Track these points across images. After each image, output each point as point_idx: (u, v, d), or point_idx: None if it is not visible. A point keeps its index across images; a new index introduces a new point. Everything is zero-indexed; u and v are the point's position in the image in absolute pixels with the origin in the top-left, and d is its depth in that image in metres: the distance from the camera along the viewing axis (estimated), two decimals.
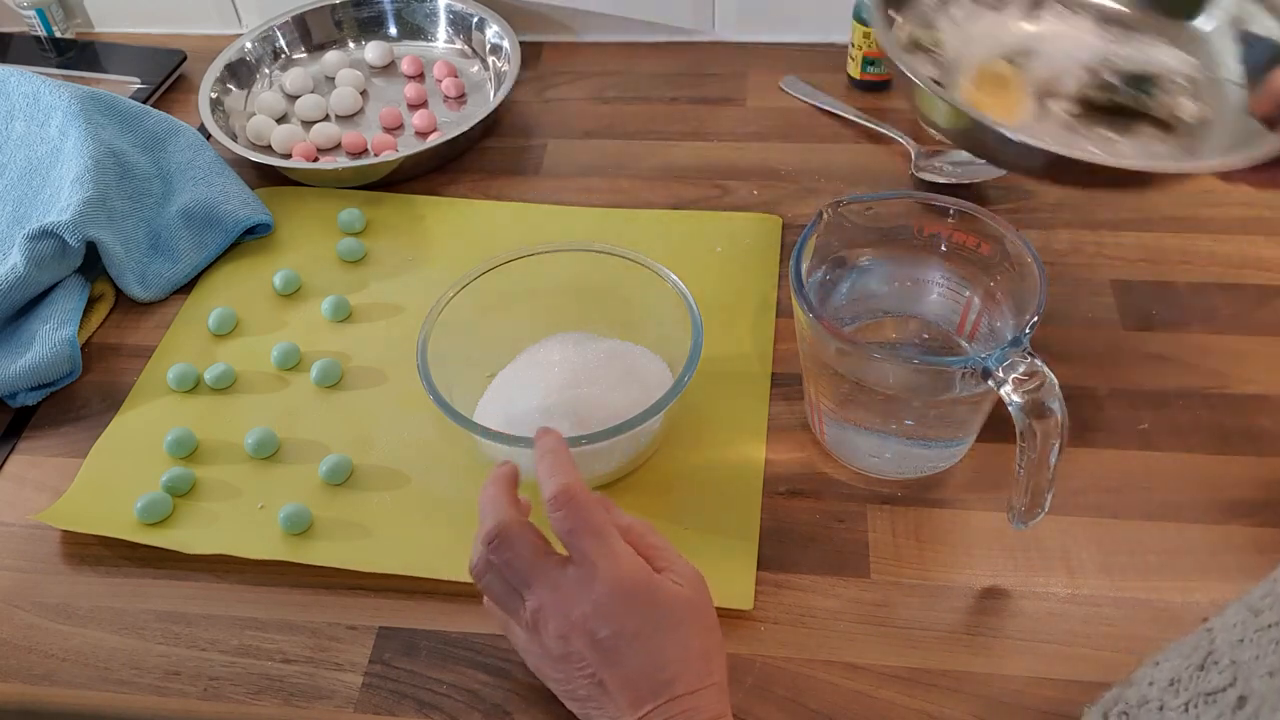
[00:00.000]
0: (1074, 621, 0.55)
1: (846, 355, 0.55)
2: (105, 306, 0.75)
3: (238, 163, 0.83)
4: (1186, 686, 0.36)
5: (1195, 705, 0.35)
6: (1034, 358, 0.49)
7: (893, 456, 0.60)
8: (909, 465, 0.60)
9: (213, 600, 0.59)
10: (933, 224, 0.59)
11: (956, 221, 0.58)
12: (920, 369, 0.54)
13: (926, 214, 0.59)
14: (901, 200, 0.59)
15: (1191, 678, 0.36)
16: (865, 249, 0.61)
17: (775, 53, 0.93)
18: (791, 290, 0.55)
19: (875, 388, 0.55)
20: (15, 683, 0.56)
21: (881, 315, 0.63)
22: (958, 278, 0.60)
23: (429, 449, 0.64)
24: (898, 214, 0.59)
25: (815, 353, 0.57)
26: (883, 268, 0.62)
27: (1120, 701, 0.38)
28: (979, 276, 0.59)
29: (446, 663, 0.55)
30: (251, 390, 0.69)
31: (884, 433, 0.58)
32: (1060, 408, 0.48)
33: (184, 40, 0.99)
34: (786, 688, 0.53)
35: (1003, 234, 0.56)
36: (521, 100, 0.90)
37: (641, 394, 0.59)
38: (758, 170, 0.82)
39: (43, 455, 0.66)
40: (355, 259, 0.77)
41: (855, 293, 0.62)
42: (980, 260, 0.58)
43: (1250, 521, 0.58)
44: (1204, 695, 0.35)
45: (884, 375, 0.55)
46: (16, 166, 0.79)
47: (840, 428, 0.60)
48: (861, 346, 0.54)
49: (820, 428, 0.61)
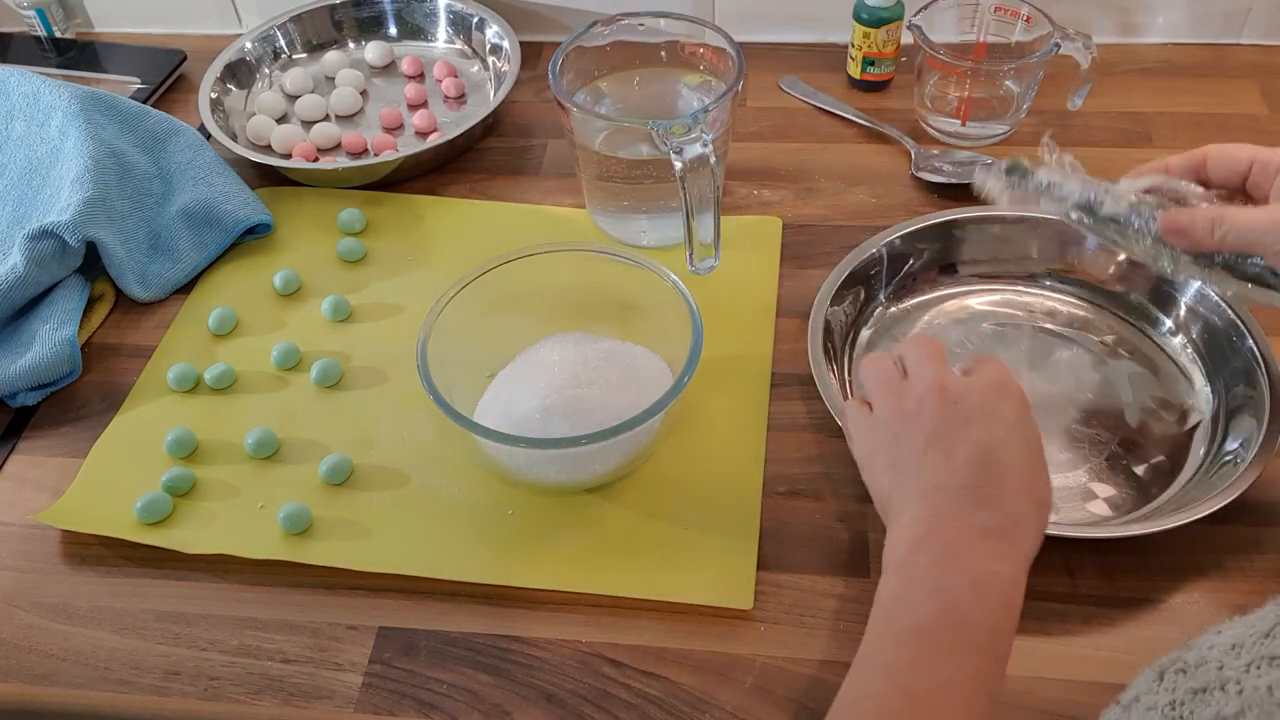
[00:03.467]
0: (1074, 621, 0.55)
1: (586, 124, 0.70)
2: (105, 306, 0.75)
3: (238, 163, 0.83)
4: (1249, 650, 0.36)
5: (1258, 666, 0.35)
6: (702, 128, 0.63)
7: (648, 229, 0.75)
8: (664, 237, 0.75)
9: (212, 600, 0.59)
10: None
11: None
12: (626, 128, 0.71)
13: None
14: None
15: (1256, 643, 0.36)
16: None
17: (775, 52, 0.93)
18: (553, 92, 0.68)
19: (602, 150, 0.70)
20: (15, 683, 0.56)
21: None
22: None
23: (429, 449, 0.64)
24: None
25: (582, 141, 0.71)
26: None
27: (1178, 661, 0.38)
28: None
29: (446, 663, 0.55)
30: (251, 390, 0.69)
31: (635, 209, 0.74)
32: (714, 162, 0.62)
33: (184, 40, 0.99)
34: (787, 688, 0.53)
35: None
36: (521, 100, 0.90)
37: (641, 394, 0.59)
38: (758, 170, 0.82)
39: (43, 455, 0.66)
40: (355, 259, 0.77)
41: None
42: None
43: (1250, 521, 0.58)
44: (1268, 659, 0.35)
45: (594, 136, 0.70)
46: (16, 166, 0.79)
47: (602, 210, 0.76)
48: (588, 110, 0.71)
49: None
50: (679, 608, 0.56)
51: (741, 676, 0.53)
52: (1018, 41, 0.81)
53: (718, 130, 0.68)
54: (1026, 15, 0.80)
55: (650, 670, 0.54)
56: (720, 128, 0.69)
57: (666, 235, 0.75)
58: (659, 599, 0.56)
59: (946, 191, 0.78)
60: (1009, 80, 0.80)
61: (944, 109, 0.82)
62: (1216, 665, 0.36)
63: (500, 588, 0.58)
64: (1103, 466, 0.61)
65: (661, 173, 0.70)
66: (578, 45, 0.73)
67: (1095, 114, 0.84)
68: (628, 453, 0.60)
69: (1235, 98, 0.85)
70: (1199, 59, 0.89)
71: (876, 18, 0.84)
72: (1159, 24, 0.90)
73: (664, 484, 0.62)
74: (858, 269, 0.68)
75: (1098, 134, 0.82)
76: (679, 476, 0.62)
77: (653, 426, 0.58)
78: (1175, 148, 0.79)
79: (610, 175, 0.72)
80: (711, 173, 0.63)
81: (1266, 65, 0.88)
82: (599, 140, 0.71)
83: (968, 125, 0.81)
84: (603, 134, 0.72)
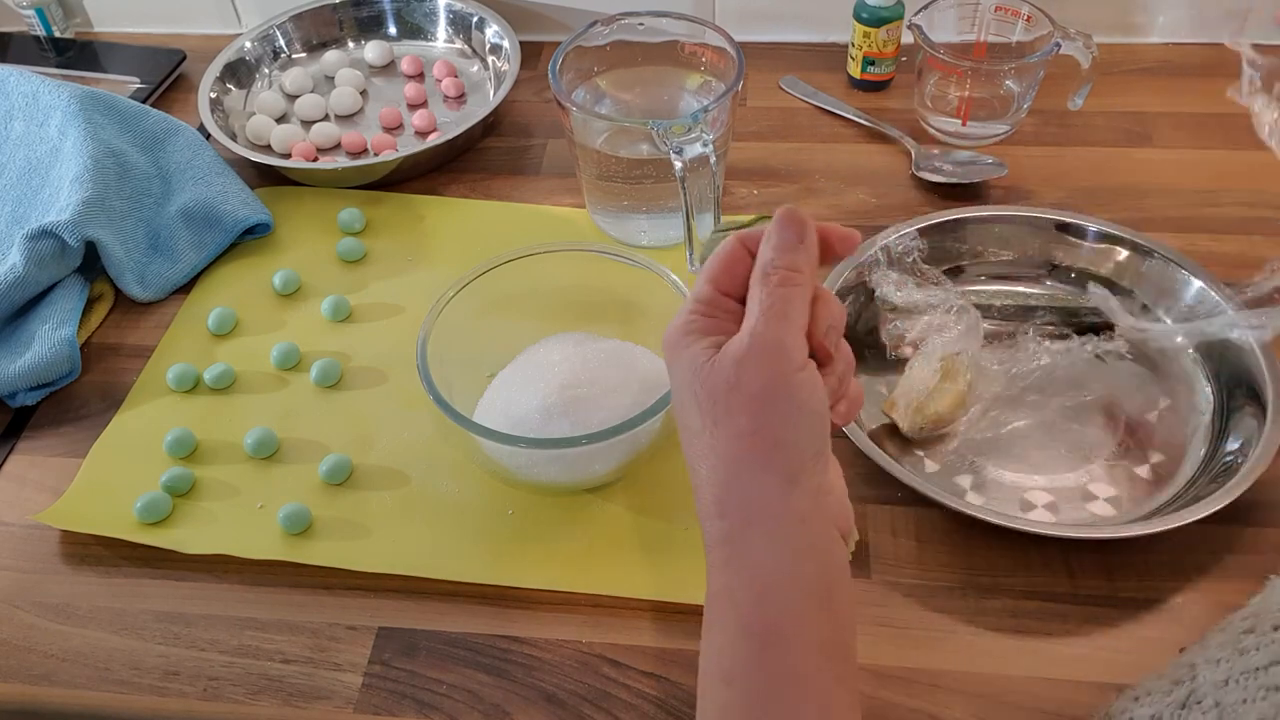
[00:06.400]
0: (1074, 621, 0.55)
1: (587, 125, 0.70)
2: (105, 306, 0.75)
3: (237, 162, 0.83)
4: None
5: None
6: (702, 128, 0.63)
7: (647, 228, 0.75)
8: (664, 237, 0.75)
9: (212, 600, 0.59)
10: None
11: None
12: (626, 128, 0.71)
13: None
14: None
15: (1174, 716, 0.34)
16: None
17: (775, 52, 0.93)
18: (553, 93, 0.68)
19: (602, 149, 0.71)
20: (15, 683, 0.56)
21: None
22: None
23: (429, 449, 0.64)
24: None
25: (581, 140, 0.71)
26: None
27: None
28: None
29: (446, 663, 0.55)
30: (251, 390, 0.69)
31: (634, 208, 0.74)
32: (714, 162, 0.63)
33: (184, 40, 0.99)
34: None
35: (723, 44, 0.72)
36: (521, 100, 0.90)
37: (641, 394, 0.59)
38: (758, 170, 0.82)
39: (43, 455, 0.66)
40: (355, 259, 0.77)
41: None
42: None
43: (1250, 521, 0.58)
44: None
45: (594, 136, 0.70)
46: (16, 166, 0.79)
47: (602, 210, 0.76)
48: (588, 110, 0.71)
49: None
50: (679, 607, 0.56)
51: None
52: (1018, 41, 0.81)
53: (718, 130, 0.68)
54: (1027, 15, 0.80)
55: (650, 670, 0.54)
56: (720, 127, 0.69)
57: (666, 235, 0.75)
58: (659, 599, 0.56)
59: (947, 191, 0.78)
60: (1009, 80, 0.80)
61: (944, 109, 0.82)
62: None
63: (500, 588, 0.58)
64: (1103, 467, 0.61)
65: (661, 173, 0.70)
66: (578, 45, 0.73)
67: (1096, 114, 0.84)
68: (628, 453, 0.60)
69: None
70: (1200, 59, 0.89)
71: (877, 17, 0.84)
72: (1159, 24, 0.90)
73: (664, 484, 0.62)
74: (858, 269, 0.68)
75: (1098, 134, 0.82)
76: (679, 477, 0.62)
77: (653, 426, 0.58)
78: (1176, 147, 0.80)
79: (610, 175, 0.72)
80: (711, 173, 0.63)
81: (1267, 65, 0.88)
82: (599, 140, 0.71)
83: (968, 125, 0.81)
84: (603, 134, 0.72)
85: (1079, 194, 0.77)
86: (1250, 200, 0.76)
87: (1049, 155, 0.81)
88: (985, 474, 0.61)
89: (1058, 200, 0.77)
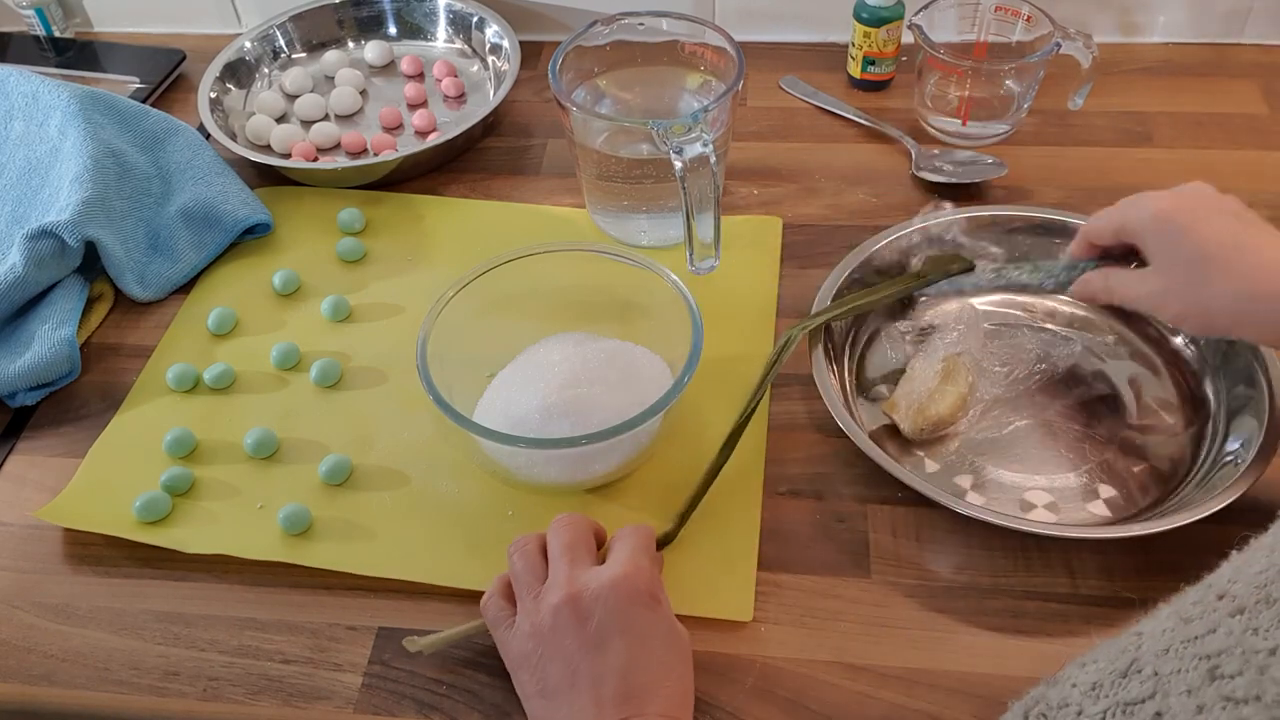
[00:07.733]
0: (1075, 621, 0.55)
1: (587, 124, 0.70)
2: (104, 306, 0.75)
3: (237, 162, 0.83)
4: (1107, 694, 0.34)
5: (1113, 715, 0.33)
6: (702, 128, 0.63)
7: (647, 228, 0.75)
8: (663, 237, 0.75)
9: (212, 600, 0.59)
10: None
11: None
12: (626, 128, 0.71)
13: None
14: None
15: (1113, 684, 0.34)
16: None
17: (775, 52, 0.93)
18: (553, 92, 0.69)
19: (602, 149, 0.71)
20: (15, 683, 0.56)
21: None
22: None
23: (429, 449, 0.64)
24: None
25: (581, 140, 0.71)
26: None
27: (1042, 701, 0.36)
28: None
29: (446, 663, 0.55)
30: (251, 390, 0.69)
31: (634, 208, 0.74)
32: (714, 162, 0.63)
33: (183, 40, 0.99)
34: (787, 688, 0.53)
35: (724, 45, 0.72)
36: (521, 100, 0.90)
37: (641, 394, 0.59)
38: (758, 170, 0.81)
39: (42, 455, 0.66)
40: (355, 259, 0.77)
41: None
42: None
43: (1250, 521, 0.58)
44: (1122, 705, 0.33)
45: (594, 136, 0.70)
46: (16, 166, 0.79)
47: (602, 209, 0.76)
48: (588, 110, 0.72)
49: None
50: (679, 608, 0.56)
51: (742, 677, 0.53)
52: (1018, 41, 0.81)
53: (718, 130, 0.68)
54: (1027, 15, 0.80)
55: None
56: (720, 127, 0.69)
57: (666, 235, 0.75)
58: None
59: (947, 191, 0.77)
60: (1009, 80, 0.80)
61: (945, 108, 0.82)
62: (1076, 710, 0.34)
63: None
64: (1103, 467, 0.61)
65: (661, 173, 0.70)
66: (578, 45, 0.73)
67: (1096, 114, 0.84)
68: (628, 453, 0.60)
69: (1236, 97, 0.85)
70: (1200, 58, 0.89)
71: (877, 17, 0.84)
72: (1160, 23, 0.90)
73: (664, 484, 0.61)
74: (858, 269, 0.68)
75: (1098, 134, 0.82)
76: (679, 477, 0.62)
77: (653, 426, 0.58)
78: (1176, 147, 0.80)
79: (610, 175, 0.72)
80: (711, 172, 0.63)
81: (1267, 65, 0.88)
82: (599, 140, 0.71)
83: (968, 125, 0.81)
84: (603, 134, 0.71)
85: (1079, 194, 0.77)
86: (1250, 200, 0.75)
87: (1049, 155, 0.81)
88: (985, 474, 0.61)
89: (1058, 200, 0.76)
